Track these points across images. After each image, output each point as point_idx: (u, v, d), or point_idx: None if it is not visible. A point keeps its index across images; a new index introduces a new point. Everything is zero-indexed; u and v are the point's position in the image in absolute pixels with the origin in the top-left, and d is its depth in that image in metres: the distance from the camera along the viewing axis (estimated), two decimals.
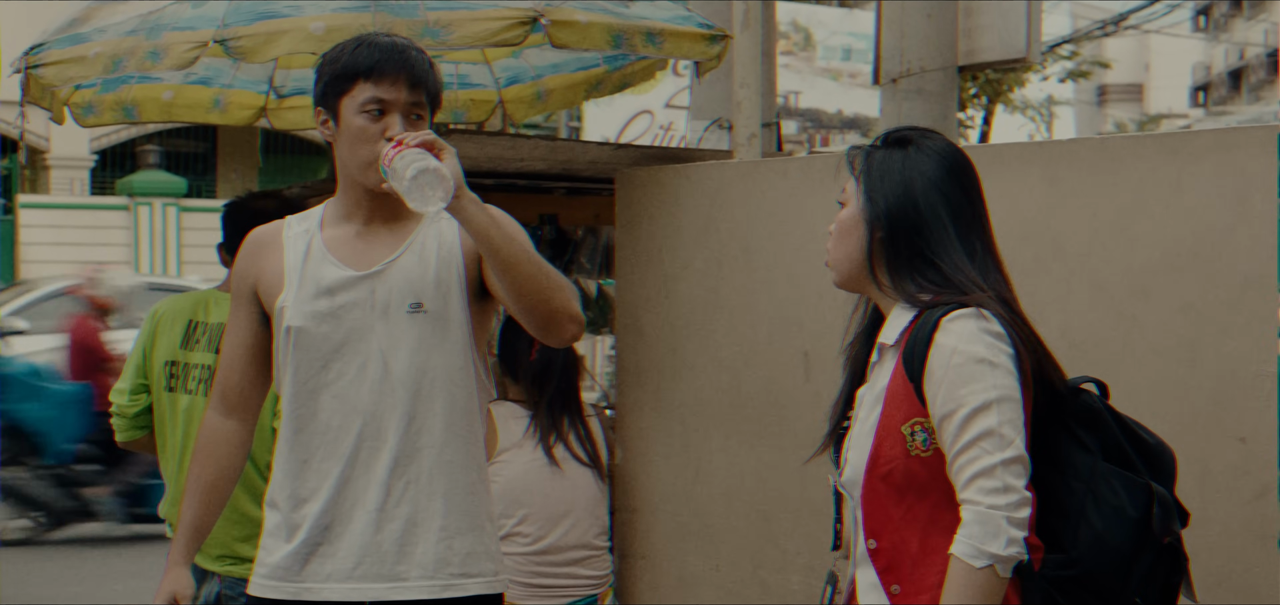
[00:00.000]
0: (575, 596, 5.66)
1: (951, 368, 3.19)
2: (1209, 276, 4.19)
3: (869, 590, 3.32)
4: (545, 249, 6.48)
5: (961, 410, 3.17)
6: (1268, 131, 4.12)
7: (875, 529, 3.29)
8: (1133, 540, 3.29)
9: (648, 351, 5.69)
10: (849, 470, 3.37)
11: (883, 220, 3.34)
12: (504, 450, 5.63)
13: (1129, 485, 3.32)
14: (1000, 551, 3.11)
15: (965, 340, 3.20)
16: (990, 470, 3.14)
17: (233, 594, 5.30)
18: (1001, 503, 3.12)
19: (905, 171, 3.35)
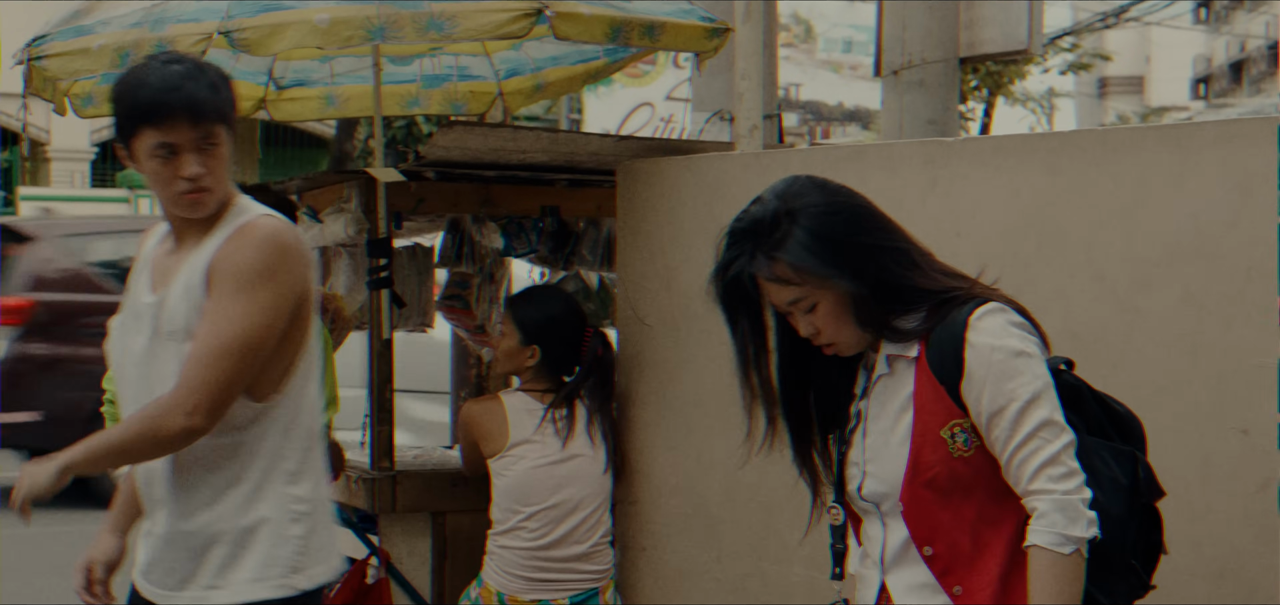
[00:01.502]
0: (577, 591, 5.66)
1: (994, 366, 3.22)
2: (1211, 268, 4.18)
3: (917, 591, 3.34)
4: (547, 241, 6.47)
5: (1013, 405, 3.21)
6: (1269, 123, 4.12)
7: (927, 535, 3.32)
8: (1127, 507, 3.36)
9: (649, 343, 5.68)
10: (872, 483, 3.38)
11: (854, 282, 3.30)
12: (515, 444, 5.62)
13: (1117, 455, 3.39)
14: (1083, 534, 3.17)
15: (999, 336, 3.24)
16: (1056, 458, 3.19)
17: None
18: (1072, 486, 3.18)
19: (823, 225, 3.31)
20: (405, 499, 6.01)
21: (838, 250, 3.29)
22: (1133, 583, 3.44)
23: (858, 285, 3.29)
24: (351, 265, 6.39)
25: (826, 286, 3.30)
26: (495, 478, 5.64)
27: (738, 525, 5.41)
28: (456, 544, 6.06)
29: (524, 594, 5.61)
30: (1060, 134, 4.68)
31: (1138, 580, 3.44)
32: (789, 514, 5.24)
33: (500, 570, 5.63)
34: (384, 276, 5.96)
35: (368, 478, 6.02)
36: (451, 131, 5.56)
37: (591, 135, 5.75)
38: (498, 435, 5.64)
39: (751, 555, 5.37)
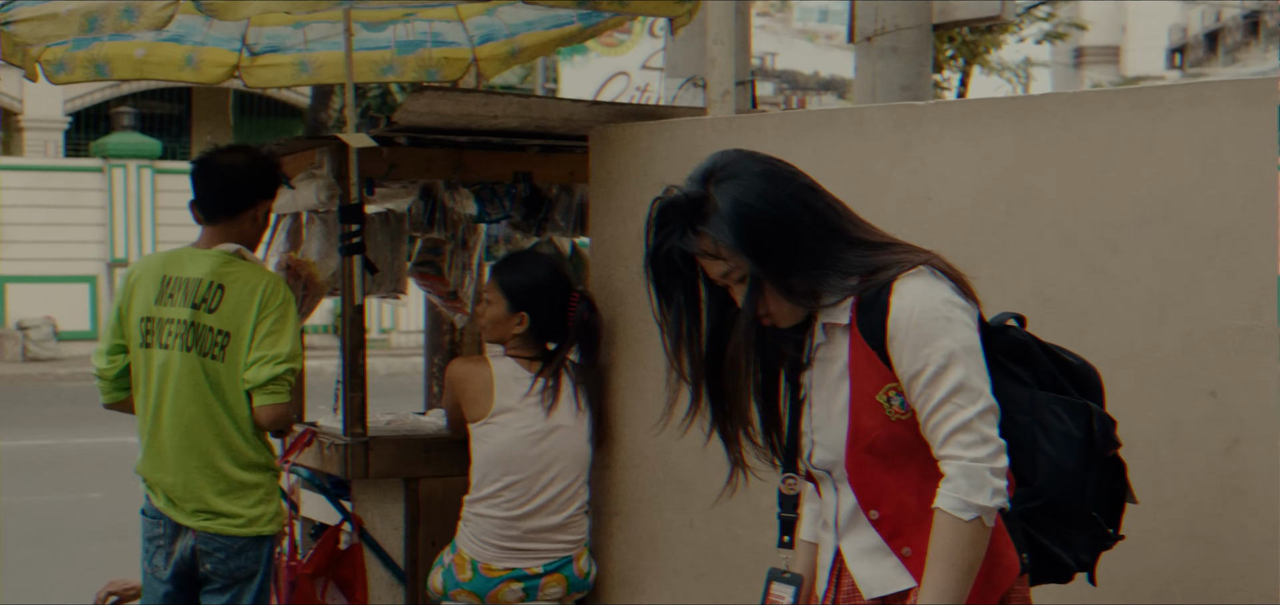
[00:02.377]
0: (552, 558, 5.66)
1: (913, 328, 3.22)
2: (1180, 231, 4.20)
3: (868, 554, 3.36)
4: (520, 207, 6.47)
5: (929, 368, 3.20)
6: (1238, 86, 4.14)
7: (873, 499, 3.33)
8: (1083, 459, 3.40)
9: (621, 308, 5.69)
10: (821, 452, 3.41)
11: (752, 254, 3.30)
12: (500, 412, 5.61)
13: (1069, 408, 3.42)
14: (986, 502, 3.16)
15: (920, 298, 3.23)
16: (967, 424, 3.18)
17: (207, 548, 5.32)
18: (982, 454, 3.17)
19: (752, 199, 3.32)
20: (378, 465, 6.01)
21: (761, 224, 3.29)
22: (1095, 535, 3.46)
23: (781, 259, 3.29)
24: (324, 231, 6.37)
25: (740, 258, 3.31)
26: (475, 443, 5.63)
27: (710, 490, 5.40)
28: (430, 510, 6.05)
29: (497, 562, 5.61)
30: (1031, 98, 4.70)
31: (1101, 532, 3.47)
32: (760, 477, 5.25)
33: (475, 537, 5.63)
34: (356, 243, 5.95)
35: (341, 444, 6.01)
36: (423, 97, 5.55)
37: (563, 100, 5.73)
38: (483, 399, 5.62)
39: (724, 520, 5.38)
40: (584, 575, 5.73)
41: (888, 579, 3.33)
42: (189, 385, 5.28)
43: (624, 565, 5.71)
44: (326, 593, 6.02)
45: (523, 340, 5.71)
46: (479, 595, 5.62)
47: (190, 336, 5.26)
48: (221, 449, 5.28)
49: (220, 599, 5.39)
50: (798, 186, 3.36)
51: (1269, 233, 4.04)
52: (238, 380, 5.27)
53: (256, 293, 5.31)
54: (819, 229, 3.32)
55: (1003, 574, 3.29)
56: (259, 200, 5.44)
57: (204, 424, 5.30)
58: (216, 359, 5.29)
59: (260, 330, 5.28)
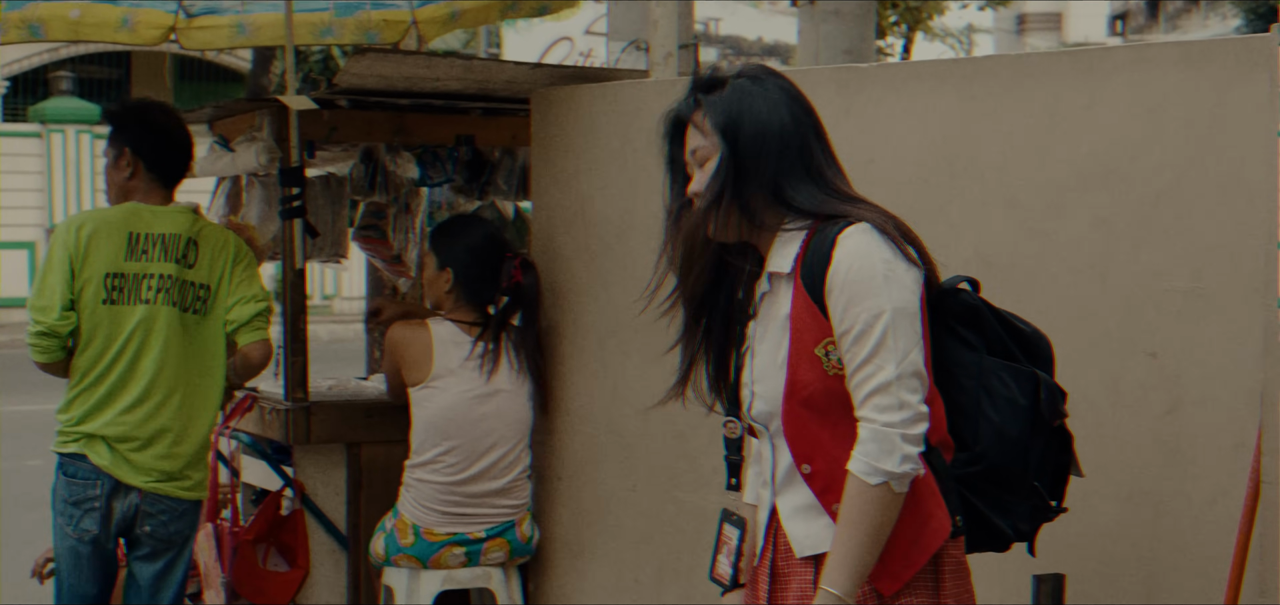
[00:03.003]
0: (494, 523, 5.64)
1: (850, 283, 3.19)
2: (1122, 192, 4.20)
3: (802, 512, 3.33)
4: (462, 170, 6.43)
5: (858, 325, 3.17)
6: (1181, 48, 4.13)
7: (806, 453, 3.30)
8: (1027, 427, 3.38)
9: (564, 272, 5.67)
10: (760, 402, 3.37)
11: (730, 160, 3.30)
12: (439, 376, 5.58)
13: (1016, 375, 3.40)
14: (894, 469, 3.13)
15: (860, 254, 3.20)
16: (886, 386, 3.15)
17: (152, 510, 5.27)
18: (896, 419, 3.14)
19: (755, 102, 3.32)
20: (320, 430, 5.98)
21: (752, 122, 3.29)
22: (1036, 505, 3.45)
23: (751, 164, 3.29)
24: (264, 195, 6.33)
25: (709, 154, 3.31)
26: (415, 408, 5.61)
27: (653, 454, 5.41)
28: (372, 475, 6.03)
29: (439, 527, 5.59)
30: (973, 60, 4.69)
31: (1042, 502, 3.45)
32: (703, 441, 5.25)
33: (416, 503, 5.60)
34: (297, 206, 5.90)
35: (282, 409, 5.97)
36: (364, 59, 5.50)
37: (506, 63, 5.70)
38: (422, 363, 5.60)
39: (667, 483, 5.37)
40: (527, 540, 5.72)
41: (819, 538, 3.30)
42: (178, 341, 5.29)
43: (567, 529, 5.70)
44: (268, 559, 5.99)
45: (457, 301, 5.68)
46: (421, 560, 5.60)
47: (176, 291, 5.25)
48: (203, 405, 5.34)
49: (152, 566, 5.34)
50: (802, 115, 3.36)
51: (1209, 195, 4.04)
52: (218, 335, 5.34)
53: (228, 246, 5.40)
54: (798, 159, 3.30)
55: (931, 535, 3.26)
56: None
57: (190, 379, 5.31)
58: (199, 313, 5.33)
59: (236, 276, 5.37)
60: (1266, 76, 3.88)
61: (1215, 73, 4.04)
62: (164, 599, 5.38)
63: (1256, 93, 3.94)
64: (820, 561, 3.28)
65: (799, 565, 3.35)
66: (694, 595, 5.28)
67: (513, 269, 5.68)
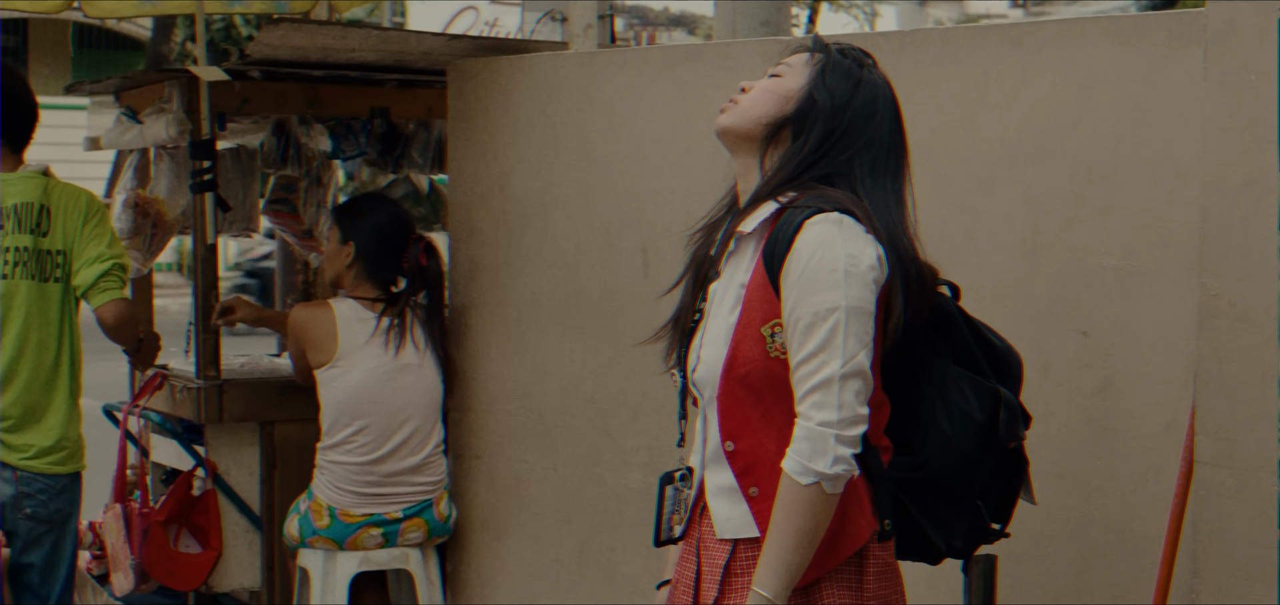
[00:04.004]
0: (410, 502, 5.55)
1: (805, 272, 3.09)
2: (1053, 169, 4.16)
3: (723, 492, 3.25)
4: (376, 143, 6.32)
5: (807, 317, 3.08)
6: (1114, 22, 4.10)
7: (733, 431, 3.22)
8: (979, 444, 3.30)
9: (481, 247, 5.58)
10: (702, 369, 3.27)
11: (823, 116, 3.23)
12: (345, 354, 5.48)
13: (978, 389, 3.32)
14: (826, 470, 3.05)
15: (822, 244, 3.09)
16: (827, 384, 3.06)
17: (30, 490, 5.11)
18: (833, 419, 3.05)
19: (858, 87, 3.27)
20: (232, 408, 5.86)
21: (845, 93, 3.26)
22: (975, 524, 3.37)
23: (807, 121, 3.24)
24: (173, 168, 6.20)
25: (801, 83, 3.27)
26: (323, 389, 5.50)
27: (574, 432, 5.34)
28: (286, 454, 5.93)
29: (355, 508, 5.49)
30: (901, 34, 4.63)
31: (982, 522, 3.38)
32: (625, 419, 5.19)
33: (331, 484, 5.50)
34: (208, 179, 5.77)
35: (193, 387, 5.85)
36: (278, 29, 5.38)
37: (423, 34, 5.59)
38: (327, 343, 5.49)
39: (588, 462, 5.30)
40: (444, 519, 5.63)
41: (740, 522, 3.22)
42: (39, 313, 5.09)
43: (486, 509, 5.62)
44: (179, 540, 5.88)
45: (358, 278, 5.58)
46: (337, 542, 5.50)
47: (33, 263, 5.07)
48: (67, 373, 5.14)
49: (38, 552, 5.16)
50: (894, 128, 3.34)
51: (1142, 172, 4.01)
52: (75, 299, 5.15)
53: (79, 204, 5.17)
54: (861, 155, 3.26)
55: (848, 540, 3.17)
56: None
57: (55, 350, 5.11)
58: (58, 280, 5.13)
59: (86, 235, 5.14)
60: (1197, 52, 3.84)
61: (1147, 48, 4.01)
62: (54, 589, 5.21)
63: (1189, 69, 3.91)
64: (736, 547, 3.21)
65: (717, 545, 3.26)
66: (615, 575, 5.22)
67: (418, 252, 5.58)
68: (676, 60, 5.06)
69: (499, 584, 5.60)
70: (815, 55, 3.31)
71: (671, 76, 5.03)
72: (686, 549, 3.38)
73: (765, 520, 3.14)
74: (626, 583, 5.17)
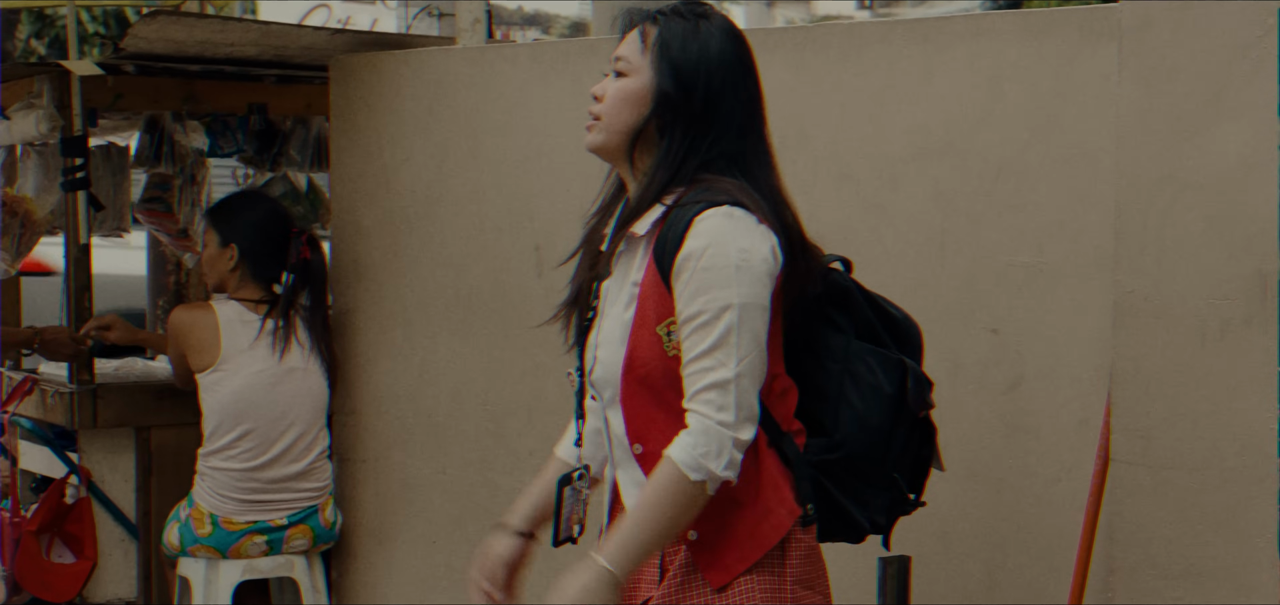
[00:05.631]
0: (295, 509, 5.40)
1: (699, 269, 2.98)
2: (960, 165, 4.13)
3: (638, 490, 3.16)
4: (253, 140, 6.16)
5: (703, 316, 2.98)
6: (1022, 17, 4.08)
7: (639, 433, 3.12)
8: (890, 417, 3.23)
9: (367, 247, 5.44)
10: (600, 369, 3.17)
11: (679, 107, 3.10)
12: (228, 358, 5.31)
13: (883, 362, 3.25)
14: (718, 471, 2.96)
15: (715, 239, 2.99)
16: (724, 384, 2.97)
17: None
18: (730, 419, 2.97)
19: (703, 54, 3.12)
20: (107, 414, 5.69)
21: (692, 69, 3.09)
22: (894, 497, 3.30)
23: (674, 105, 3.09)
24: (41, 164, 5.99)
25: (648, 79, 3.10)
26: (205, 393, 5.34)
27: (465, 435, 5.23)
28: (163, 460, 5.76)
29: (238, 516, 5.33)
30: (805, 29, 4.58)
31: (900, 494, 3.31)
32: (519, 422, 5.09)
33: (212, 491, 5.34)
34: (80, 177, 5.59)
35: (66, 391, 5.66)
36: (154, 21, 5.20)
37: (305, 28, 5.46)
38: (209, 347, 5.32)
39: (479, 465, 5.20)
40: (330, 525, 5.49)
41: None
42: None
43: (373, 514, 5.49)
44: (52, 550, 5.70)
45: (241, 280, 5.43)
46: (219, 550, 5.34)
47: None
48: None
49: None
50: (740, 86, 3.15)
51: (1052, 168, 3.99)
52: None
53: None
54: (726, 127, 3.12)
55: (770, 530, 3.09)
56: None
57: None
58: None
59: None
60: (1110, 49, 3.83)
61: (1057, 44, 3.99)
62: None
63: (1100, 64, 3.89)
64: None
65: None
66: None
67: (301, 245, 5.43)
68: (570, 54, 4.96)
69: (386, 591, 5.47)
70: (647, 31, 3.15)
71: (565, 71, 4.94)
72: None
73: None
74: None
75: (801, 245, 3.17)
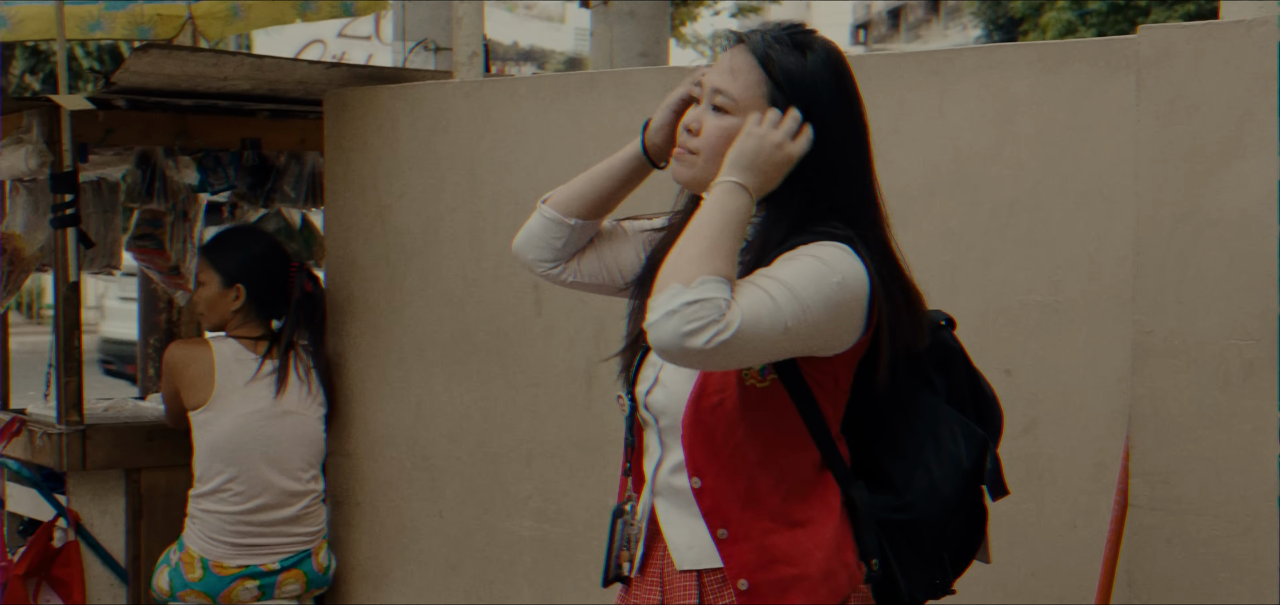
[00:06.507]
0: (288, 553, 5.28)
1: (797, 255, 2.80)
2: (972, 202, 4.03)
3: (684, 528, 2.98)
4: (246, 176, 6.05)
5: (784, 264, 2.79)
6: (1034, 49, 3.98)
7: (699, 466, 2.93)
8: (960, 493, 3.05)
9: (362, 284, 5.33)
10: (661, 392, 2.98)
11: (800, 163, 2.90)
12: (222, 396, 5.20)
13: (969, 435, 3.08)
14: (686, 332, 2.65)
15: (822, 256, 2.81)
16: (766, 289, 2.73)
17: None
18: (737, 316, 2.67)
19: (816, 93, 2.93)
20: (96, 455, 5.55)
21: (808, 112, 2.91)
22: (934, 578, 3.10)
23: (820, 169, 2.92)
24: (31, 201, 5.87)
25: (756, 110, 2.91)
26: (197, 432, 5.22)
27: (462, 478, 5.11)
28: (153, 503, 5.63)
29: (230, 559, 5.21)
30: None
31: (942, 578, 3.12)
32: (516, 465, 4.98)
33: (203, 535, 5.22)
34: (70, 214, 5.47)
35: (54, 433, 5.54)
36: (147, 55, 5.09)
37: (299, 62, 5.35)
38: (203, 384, 5.21)
39: (476, 509, 5.08)
40: (324, 570, 5.37)
41: (703, 552, 2.95)
42: None
43: (367, 558, 5.36)
44: (40, 594, 5.57)
45: (245, 318, 5.32)
46: (211, 595, 5.21)
47: None
48: None
49: None
50: (860, 121, 3.02)
51: (1067, 204, 3.89)
52: None
53: None
54: (836, 174, 2.95)
55: (829, 594, 2.91)
56: None
57: None
58: None
59: None
60: (1128, 81, 3.73)
61: (1071, 77, 3.89)
62: None
63: (1117, 97, 3.79)
64: (702, 576, 2.95)
65: (680, 578, 2.99)
66: None
67: (304, 281, 5.33)
68: (571, 89, 4.86)
69: None
70: (752, 63, 2.94)
71: (565, 106, 4.84)
72: (646, 582, 3.10)
73: (734, 561, 2.91)
74: None
75: (907, 303, 3.01)
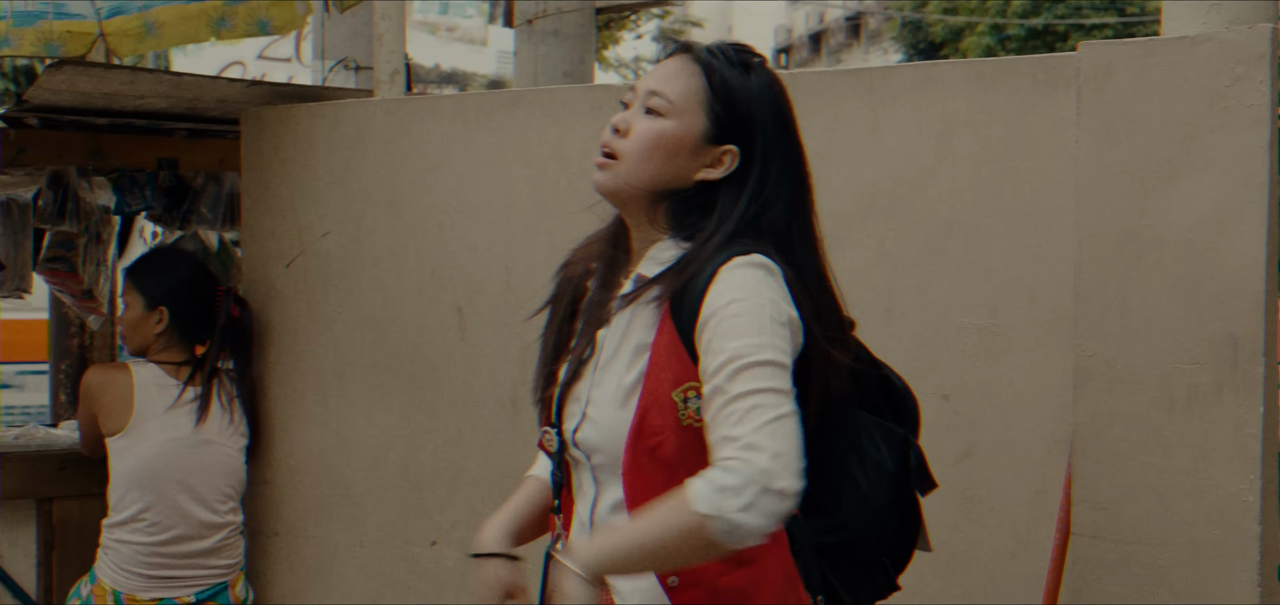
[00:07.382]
0: (204, 586, 5.12)
1: (728, 317, 2.65)
2: (908, 222, 3.93)
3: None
4: (162, 197, 5.90)
5: (734, 362, 2.61)
6: (971, 66, 3.89)
7: (644, 506, 2.72)
8: (890, 496, 2.94)
9: (280, 309, 5.19)
10: (591, 429, 2.82)
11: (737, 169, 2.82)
12: (140, 423, 5.03)
13: (888, 436, 2.96)
14: (734, 511, 2.49)
15: (747, 290, 2.67)
16: (761, 426, 2.54)
17: None
18: (764, 463, 2.52)
19: (757, 110, 2.84)
20: (7, 484, 5.42)
21: (746, 125, 2.82)
22: (878, 582, 2.99)
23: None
24: None
25: (692, 118, 2.81)
26: (114, 459, 5.05)
27: (384, 507, 4.97)
28: (66, 533, 5.49)
29: (143, 592, 5.04)
30: None
31: (886, 580, 3.00)
32: (440, 493, 4.86)
33: (116, 566, 5.05)
34: None
35: None
36: (61, 72, 4.94)
37: (218, 79, 5.20)
38: (120, 410, 5.04)
39: (399, 539, 4.95)
40: (241, 603, 5.21)
41: (647, 590, 2.78)
42: None
43: (287, 590, 5.22)
44: None
45: (167, 342, 5.16)
46: None
47: None
48: None
49: None
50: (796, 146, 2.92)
51: (1005, 224, 3.80)
52: None
53: None
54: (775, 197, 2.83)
55: None
56: None
57: None
58: None
59: None
60: (1067, 99, 3.65)
61: (1009, 94, 3.81)
62: None
63: (1057, 115, 3.71)
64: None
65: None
66: None
67: (231, 305, 5.18)
68: (496, 107, 4.74)
69: None
70: (694, 70, 2.85)
71: (489, 125, 4.72)
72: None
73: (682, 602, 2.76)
74: None
75: (839, 337, 2.88)
